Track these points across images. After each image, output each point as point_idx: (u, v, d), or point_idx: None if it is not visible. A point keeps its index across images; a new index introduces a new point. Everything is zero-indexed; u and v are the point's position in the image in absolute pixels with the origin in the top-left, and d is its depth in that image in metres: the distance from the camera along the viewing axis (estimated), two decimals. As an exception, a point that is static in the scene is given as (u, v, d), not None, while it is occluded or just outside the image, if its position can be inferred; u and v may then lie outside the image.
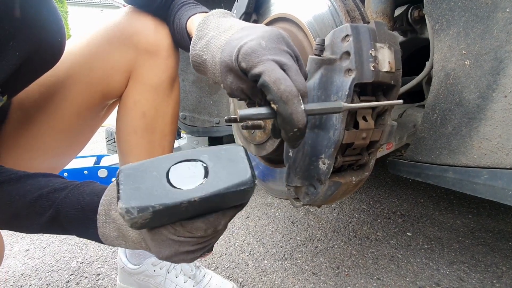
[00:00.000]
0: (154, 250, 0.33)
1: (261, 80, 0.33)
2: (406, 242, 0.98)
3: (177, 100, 0.65)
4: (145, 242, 0.35)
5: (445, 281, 0.79)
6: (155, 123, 0.62)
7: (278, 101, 0.32)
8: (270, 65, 0.33)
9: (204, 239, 0.33)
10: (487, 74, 0.47)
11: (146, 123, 0.61)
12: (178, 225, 0.31)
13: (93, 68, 0.56)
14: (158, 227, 0.31)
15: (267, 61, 0.33)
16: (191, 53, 0.44)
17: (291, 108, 0.32)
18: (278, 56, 0.34)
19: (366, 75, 0.40)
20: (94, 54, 0.56)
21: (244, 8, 0.63)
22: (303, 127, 0.33)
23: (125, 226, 0.35)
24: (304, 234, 1.04)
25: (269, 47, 0.34)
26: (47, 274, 0.85)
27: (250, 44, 0.34)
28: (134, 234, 0.35)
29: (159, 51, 0.57)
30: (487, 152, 0.48)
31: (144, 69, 0.58)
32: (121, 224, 0.35)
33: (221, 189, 0.28)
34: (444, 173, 0.55)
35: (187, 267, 0.70)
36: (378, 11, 0.69)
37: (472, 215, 1.17)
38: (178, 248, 0.33)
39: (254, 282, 0.80)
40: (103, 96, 0.59)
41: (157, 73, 0.58)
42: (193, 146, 1.59)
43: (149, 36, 0.57)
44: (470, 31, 0.48)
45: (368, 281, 0.79)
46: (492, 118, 0.46)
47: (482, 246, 0.95)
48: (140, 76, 0.59)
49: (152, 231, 0.32)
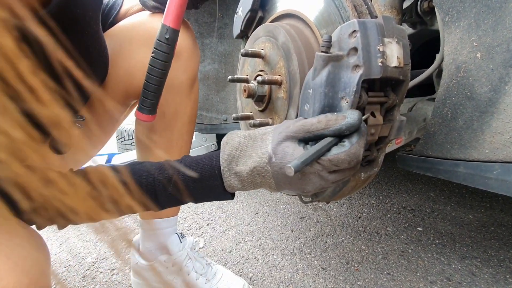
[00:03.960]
0: (298, 187, 0.38)
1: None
2: (417, 237, 0.97)
3: (196, 101, 0.66)
4: (272, 183, 0.39)
5: (457, 276, 0.78)
6: (174, 123, 0.63)
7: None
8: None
9: (348, 172, 0.38)
10: (499, 66, 0.45)
11: (166, 123, 0.62)
12: (326, 161, 0.35)
13: (116, 66, 0.57)
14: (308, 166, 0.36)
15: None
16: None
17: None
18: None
19: (374, 70, 0.40)
20: (117, 52, 0.57)
21: (250, 5, 0.63)
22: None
23: (251, 175, 0.39)
24: (313, 230, 1.04)
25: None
26: (64, 269, 0.88)
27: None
28: (259, 179, 0.39)
29: (181, 52, 0.58)
30: (499, 146, 0.47)
31: None
32: (245, 176, 0.39)
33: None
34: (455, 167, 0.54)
35: (198, 265, 0.71)
36: (386, 4, 0.68)
37: (485, 210, 1.15)
38: (323, 183, 0.37)
39: (264, 277, 0.81)
40: (126, 95, 0.60)
41: (178, 74, 0.59)
42: (201, 143, 1.60)
43: None
44: (481, 22, 0.47)
45: (378, 276, 0.79)
46: (504, 111, 0.45)
47: (495, 240, 0.94)
48: None
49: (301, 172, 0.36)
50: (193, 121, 0.67)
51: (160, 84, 0.53)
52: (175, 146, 0.65)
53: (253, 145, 0.39)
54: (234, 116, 0.65)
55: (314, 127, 0.37)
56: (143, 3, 0.59)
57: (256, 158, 0.38)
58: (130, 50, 0.57)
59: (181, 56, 0.58)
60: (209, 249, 0.96)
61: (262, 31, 0.59)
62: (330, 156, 0.35)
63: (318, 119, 0.38)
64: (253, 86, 0.57)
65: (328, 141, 0.36)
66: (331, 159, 0.35)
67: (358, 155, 0.36)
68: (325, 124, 0.37)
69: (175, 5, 0.49)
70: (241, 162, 0.39)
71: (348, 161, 0.35)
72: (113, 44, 0.57)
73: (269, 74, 0.57)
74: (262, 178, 0.39)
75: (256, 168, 0.38)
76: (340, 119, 0.37)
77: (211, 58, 1.24)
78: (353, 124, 0.36)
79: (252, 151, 0.39)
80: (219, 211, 1.24)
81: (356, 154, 0.36)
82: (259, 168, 0.38)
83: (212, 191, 0.42)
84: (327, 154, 0.36)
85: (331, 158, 0.35)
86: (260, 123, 0.60)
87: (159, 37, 0.50)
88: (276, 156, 0.37)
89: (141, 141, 0.65)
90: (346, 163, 0.35)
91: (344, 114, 0.37)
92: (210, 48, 1.23)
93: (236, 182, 0.40)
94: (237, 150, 0.40)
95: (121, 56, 0.57)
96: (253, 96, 0.58)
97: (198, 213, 1.23)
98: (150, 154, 0.65)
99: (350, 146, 0.36)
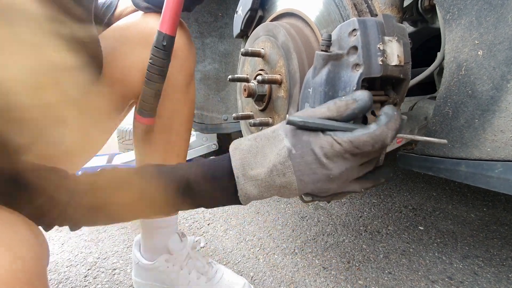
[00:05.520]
0: (324, 175, 0.35)
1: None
2: (418, 236, 0.97)
3: (193, 100, 0.66)
4: (294, 181, 0.35)
5: (459, 275, 0.78)
6: (171, 122, 0.63)
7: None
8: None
9: (373, 155, 0.36)
10: (502, 64, 0.45)
11: (163, 122, 0.62)
12: (347, 142, 0.33)
13: (111, 67, 0.57)
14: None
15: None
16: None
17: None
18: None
19: (374, 69, 0.40)
20: (113, 53, 0.57)
21: (250, 5, 0.63)
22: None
23: (270, 176, 0.36)
24: (314, 229, 1.04)
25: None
26: (66, 269, 0.88)
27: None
28: (278, 180, 0.36)
29: (177, 52, 0.57)
30: (501, 145, 0.46)
31: None
32: (263, 178, 0.36)
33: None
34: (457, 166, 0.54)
35: (199, 264, 0.71)
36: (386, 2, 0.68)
37: (487, 208, 1.15)
38: (349, 166, 0.35)
39: (265, 277, 0.81)
40: (123, 96, 0.60)
41: (174, 73, 0.59)
42: (202, 143, 1.61)
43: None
44: (483, 20, 0.47)
45: (379, 275, 0.79)
46: (506, 110, 0.45)
47: (497, 239, 0.93)
48: None
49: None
50: (190, 120, 0.67)
51: (159, 88, 0.55)
52: (174, 145, 0.65)
53: (265, 145, 0.37)
54: (235, 116, 0.65)
55: (325, 116, 0.36)
56: (136, 4, 0.59)
57: (274, 155, 0.36)
58: (125, 50, 0.57)
59: (177, 55, 0.58)
60: (210, 248, 0.96)
61: (262, 30, 0.59)
62: (351, 137, 0.33)
63: (327, 107, 0.36)
64: (253, 85, 0.57)
65: (350, 126, 0.35)
66: (352, 140, 0.33)
67: (383, 138, 0.33)
68: (336, 112, 0.35)
69: (171, 12, 0.50)
70: (255, 165, 0.36)
71: (371, 143, 0.33)
72: (108, 44, 0.57)
73: (269, 73, 0.57)
74: (283, 177, 0.35)
75: (275, 166, 0.35)
76: (350, 104, 0.35)
77: (212, 57, 1.24)
78: (365, 106, 0.35)
79: (266, 151, 0.37)
80: (220, 210, 1.24)
81: (382, 136, 0.33)
82: (279, 166, 0.35)
83: (223, 196, 0.40)
84: (349, 134, 0.34)
85: (352, 139, 0.33)
86: (260, 122, 0.59)
87: (156, 44, 0.51)
88: (295, 147, 0.35)
89: (140, 141, 0.65)
90: (369, 146, 0.33)
91: (354, 97, 0.36)
92: (210, 48, 1.23)
93: (253, 189, 0.37)
94: (249, 154, 0.37)
95: (117, 57, 0.57)
96: (253, 96, 0.58)
97: (199, 212, 1.23)
98: (149, 154, 0.65)
99: (376, 128, 0.33)
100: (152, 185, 0.40)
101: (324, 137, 0.34)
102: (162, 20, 0.50)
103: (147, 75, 0.53)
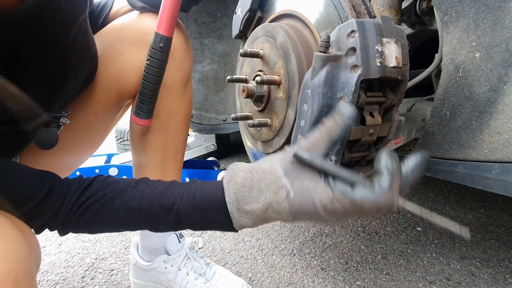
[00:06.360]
0: (319, 220, 0.35)
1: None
2: (416, 237, 0.98)
3: (190, 100, 0.66)
4: (289, 218, 0.36)
5: (456, 276, 0.78)
6: (168, 122, 0.63)
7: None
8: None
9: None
10: (498, 66, 0.45)
11: (160, 123, 0.62)
12: (348, 203, 0.33)
13: (107, 68, 0.57)
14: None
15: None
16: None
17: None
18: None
19: (373, 70, 0.40)
20: (108, 52, 0.57)
21: (249, 6, 0.63)
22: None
23: (265, 212, 0.36)
24: (312, 230, 1.04)
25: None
26: (63, 270, 0.88)
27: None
28: (273, 215, 0.36)
29: (174, 52, 0.57)
30: (498, 146, 0.47)
31: None
32: (258, 214, 0.36)
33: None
34: (454, 167, 0.54)
35: (197, 265, 0.71)
36: (385, 3, 0.68)
37: (484, 209, 1.15)
38: (348, 217, 0.34)
39: (263, 278, 0.81)
40: (119, 96, 0.60)
41: (171, 73, 0.59)
42: (200, 143, 1.60)
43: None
44: (480, 22, 0.47)
45: (378, 276, 0.79)
46: (503, 111, 0.45)
47: (495, 240, 0.94)
48: None
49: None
50: (187, 121, 0.67)
51: (156, 90, 0.55)
52: (171, 146, 0.65)
53: (260, 180, 0.36)
54: (233, 116, 0.65)
55: (328, 141, 0.36)
56: (131, 4, 0.59)
57: (270, 193, 0.35)
58: (121, 49, 0.57)
59: (174, 56, 0.58)
60: (208, 249, 0.96)
61: (261, 31, 0.59)
62: (353, 199, 0.32)
63: (319, 131, 0.37)
64: (252, 86, 0.57)
65: (352, 177, 0.34)
66: (354, 203, 0.32)
67: (389, 207, 0.32)
68: (329, 132, 0.36)
69: (168, 14, 0.49)
70: (250, 200, 0.36)
71: (375, 210, 0.32)
72: (104, 44, 0.56)
73: (268, 74, 0.57)
74: (278, 214, 0.36)
75: (271, 204, 0.35)
76: (338, 120, 0.36)
77: (210, 58, 1.24)
78: (353, 118, 0.36)
79: (262, 186, 0.36)
80: (219, 211, 1.23)
81: (387, 205, 0.32)
82: (275, 205, 0.35)
83: (216, 226, 0.40)
84: (353, 192, 0.33)
85: (354, 202, 0.32)
86: (259, 123, 0.60)
87: (153, 45, 0.51)
88: (295, 192, 0.34)
89: (136, 142, 0.65)
90: (373, 211, 0.32)
91: (338, 113, 0.36)
92: (209, 49, 1.23)
93: (247, 221, 0.37)
94: (244, 188, 0.36)
95: (112, 56, 0.57)
96: (252, 96, 0.58)
97: (197, 213, 1.22)
98: (145, 155, 0.64)
99: (380, 193, 0.32)
100: (143, 207, 0.40)
101: (325, 189, 0.34)
102: (159, 21, 0.50)
103: (144, 76, 0.53)
